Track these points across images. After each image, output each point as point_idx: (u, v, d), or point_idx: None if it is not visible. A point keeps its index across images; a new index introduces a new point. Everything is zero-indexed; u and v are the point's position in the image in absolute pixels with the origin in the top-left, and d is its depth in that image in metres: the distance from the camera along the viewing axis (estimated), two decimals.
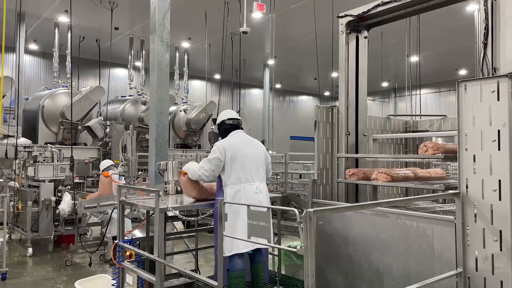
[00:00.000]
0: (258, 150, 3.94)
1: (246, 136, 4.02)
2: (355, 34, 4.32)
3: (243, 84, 20.43)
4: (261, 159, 3.91)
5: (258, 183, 3.80)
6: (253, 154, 3.86)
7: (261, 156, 3.93)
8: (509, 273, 2.52)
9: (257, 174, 3.82)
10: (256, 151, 3.91)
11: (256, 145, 3.97)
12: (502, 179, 2.59)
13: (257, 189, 3.76)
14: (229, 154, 3.74)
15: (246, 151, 3.83)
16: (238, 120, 4.05)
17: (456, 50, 17.44)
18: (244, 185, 3.73)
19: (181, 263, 5.99)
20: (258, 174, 3.83)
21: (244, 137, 3.98)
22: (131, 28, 15.09)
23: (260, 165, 3.88)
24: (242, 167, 3.75)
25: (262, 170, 3.91)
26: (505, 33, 2.97)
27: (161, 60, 6.29)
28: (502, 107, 2.61)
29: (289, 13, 13.72)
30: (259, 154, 3.91)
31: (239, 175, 3.72)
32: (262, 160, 3.92)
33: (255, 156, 3.86)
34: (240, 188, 3.71)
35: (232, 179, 3.72)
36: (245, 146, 3.87)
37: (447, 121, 5.03)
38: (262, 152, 3.97)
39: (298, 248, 2.07)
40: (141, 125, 13.01)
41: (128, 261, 4.02)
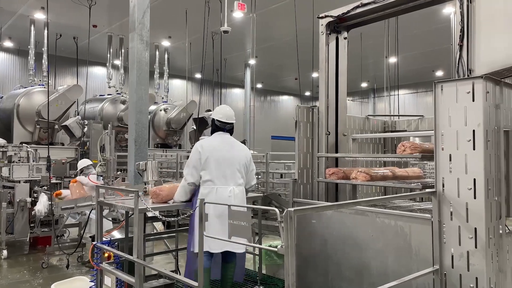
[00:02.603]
0: (238, 155, 3.85)
1: (229, 139, 3.94)
2: (335, 35, 4.36)
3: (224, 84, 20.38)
4: (241, 164, 3.83)
5: (234, 187, 3.72)
6: (231, 157, 3.79)
7: (241, 160, 3.84)
8: (483, 270, 2.59)
9: (232, 178, 3.75)
10: (236, 155, 3.83)
11: (238, 150, 3.90)
12: (476, 178, 2.66)
13: (231, 192, 3.68)
14: (204, 155, 3.73)
15: (224, 154, 3.77)
16: (226, 124, 3.93)
17: (433, 51, 17.83)
18: (218, 187, 3.68)
19: (161, 264, 5.93)
20: (234, 178, 3.75)
21: (226, 140, 3.91)
22: (110, 26, 14.84)
23: (238, 169, 3.80)
24: (217, 169, 3.71)
25: (240, 174, 3.81)
26: (480, 36, 3.04)
27: (140, 58, 6.21)
28: (477, 108, 2.68)
29: (270, 13, 13.75)
30: (239, 159, 3.83)
31: (212, 177, 3.69)
32: (242, 164, 3.84)
33: (233, 160, 3.79)
34: (213, 190, 3.66)
35: (206, 179, 3.70)
36: (224, 149, 3.82)
37: (424, 121, 5.14)
38: (243, 157, 3.88)
39: (279, 247, 2.08)
40: (120, 125, 12.82)
41: (107, 262, 3.95)
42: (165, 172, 9.87)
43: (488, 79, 2.73)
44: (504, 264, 2.76)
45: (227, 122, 3.94)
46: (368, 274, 3.32)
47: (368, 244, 3.32)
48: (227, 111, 4.01)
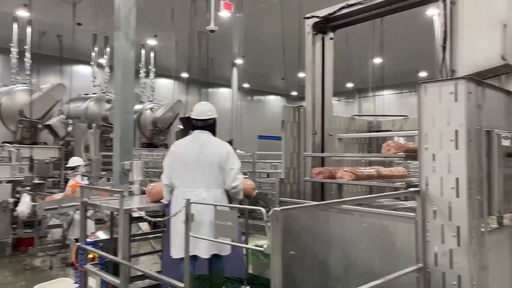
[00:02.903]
0: (210, 154, 3.56)
1: (202, 138, 3.67)
2: (321, 35, 4.38)
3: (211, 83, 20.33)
4: (213, 164, 3.54)
5: (202, 190, 3.48)
6: (201, 158, 3.55)
7: (213, 161, 3.54)
8: (466, 267, 2.63)
9: (201, 181, 3.52)
10: (206, 155, 3.56)
11: (210, 149, 3.60)
12: (459, 177, 2.70)
13: (198, 196, 3.40)
14: (173, 157, 3.64)
15: (193, 155, 3.56)
16: (198, 121, 3.72)
17: (417, 53, 18.08)
18: (185, 190, 3.49)
19: (146, 264, 5.88)
20: (203, 180, 3.52)
21: (198, 139, 3.67)
22: (95, 24, 14.65)
23: (208, 171, 3.54)
24: (184, 171, 3.55)
25: (212, 176, 3.54)
26: (462, 37, 3.10)
27: (126, 57, 6.15)
28: (460, 108, 2.72)
29: (256, 13, 13.77)
30: (210, 159, 3.54)
31: (180, 179, 3.55)
32: (214, 165, 3.54)
33: (203, 161, 3.54)
34: (181, 193, 3.49)
35: (175, 182, 3.58)
36: (194, 149, 3.59)
37: (409, 121, 5.20)
38: (217, 156, 3.56)
39: (266, 247, 2.08)
40: (105, 124, 12.66)
41: (91, 264, 3.90)
42: (151, 172, 9.79)
43: (471, 80, 2.78)
44: (486, 261, 2.81)
45: (198, 119, 3.71)
46: (354, 272, 3.35)
47: (353, 242, 3.35)
48: (198, 107, 3.80)
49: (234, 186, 3.59)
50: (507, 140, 2.91)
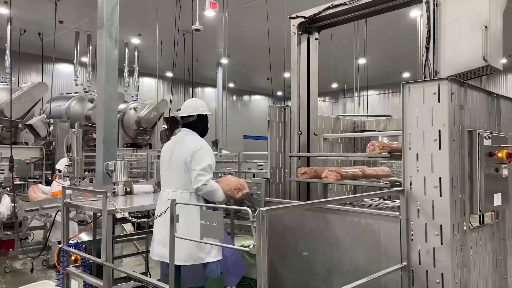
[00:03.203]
0: (178, 155, 3.43)
1: (181, 137, 3.60)
2: (307, 35, 4.39)
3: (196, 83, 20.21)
4: (180, 164, 3.40)
5: (171, 191, 3.40)
6: (173, 158, 3.47)
7: (180, 160, 3.40)
8: (449, 265, 2.68)
9: (173, 181, 3.44)
10: (176, 156, 3.45)
11: (180, 149, 3.47)
12: (442, 176, 2.74)
13: (169, 196, 3.30)
14: (161, 156, 3.66)
15: (169, 155, 3.51)
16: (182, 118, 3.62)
17: (400, 54, 18.32)
18: (162, 190, 3.49)
19: (130, 266, 5.80)
20: (174, 180, 3.44)
21: (178, 138, 3.61)
22: (77, 22, 14.42)
23: (176, 171, 3.42)
24: (162, 170, 3.55)
25: (178, 176, 3.41)
26: (445, 39, 3.14)
27: (109, 56, 6.06)
28: (443, 108, 2.77)
29: (242, 13, 13.74)
30: (178, 159, 3.42)
31: (162, 179, 3.56)
32: (181, 164, 3.39)
33: (174, 161, 3.46)
34: (161, 193, 3.51)
35: (160, 181, 3.61)
36: (172, 149, 3.53)
37: (392, 121, 5.26)
38: (184, 154, 3.40)
39: (251, 247, 2.07)
40: (88, 124, 12.48)
41: (74, 266, 3.82)
42: (135, 172, 9.68)
43: (453, 80, 2.83)
44: (468, 259, 2.86)
45: (181, 116, 3.61)
46: (339, 271, 3.37)
47: (339, 242, 3.37)
48: (186, 105, 3.68)
49: (196, 189, 3.36)
50: (488, 140, 2.97)
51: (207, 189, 3.36)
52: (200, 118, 3.62)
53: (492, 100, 3.37)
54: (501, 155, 3.01)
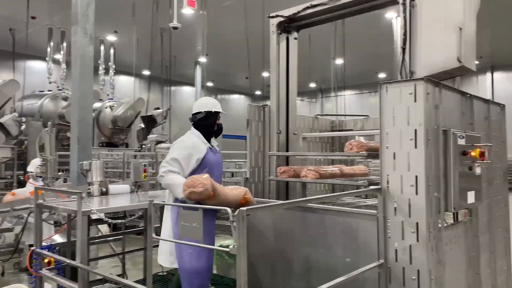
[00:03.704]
0: None
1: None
2: (286, 34, 4.40)
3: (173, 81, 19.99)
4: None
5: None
6: None
7: None
8: (424, 262, 2.73)
9: None
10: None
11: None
12: (418, 175, 2.79)
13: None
14: None
15: None
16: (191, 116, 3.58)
17: (376, 54, 18.63)
18: None
19: (106, 268, 5.69)
20: None
21: None
22: (50, 18, 14.03)
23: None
24: None
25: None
26: (421, 40, 3.20)
27: (84, 53, 5.92)
28: (419, 108, 2.81)
29: (220, 11, 13.67)
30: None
31: None
32: None
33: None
34: None
35: None
36: None
37: (369, 121, 5.34)
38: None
39: (231, 247, 2.06)
40: (61, 122, 12.17)
41: (47, 269, 3.71)
42: (111, 172, 9.49)
43: (429, 81, 2.88)
44: (443, 256, 2.92)
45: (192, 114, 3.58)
46: (317, 270, 3.39)
47: (317, 240, 3.38)
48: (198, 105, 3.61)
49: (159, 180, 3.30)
50: (462, 139, 3.04)
51: (163, 182, 3.23)
52: (208, 115, 3.49)
53: (466, 101, 3.45)
54: (474, 154, 3.09)
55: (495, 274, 3.77)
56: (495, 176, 3.84)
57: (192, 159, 3.30)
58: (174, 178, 3.18)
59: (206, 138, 3.47)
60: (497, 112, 4.07)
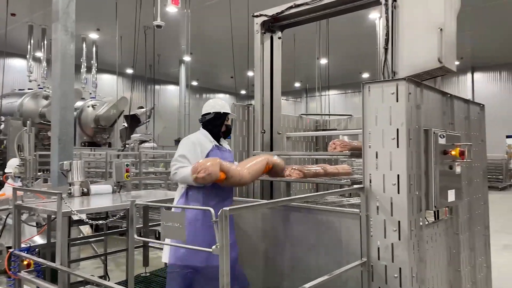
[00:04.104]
0: None
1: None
2: (270, 34, 4.40)
3: (157, 80, 19.82)
4: None
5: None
6: None
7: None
8: (406, 261, 2.76)
9: None
10: None
11: None
12: (400, 173, 2.82)
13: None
14: None
15: None
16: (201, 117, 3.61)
17: (360, 54, 18.83)
18: None
19: (88, 269, 5.60)
20: None
21: None
22: (31, 15, 13.75)
23: None
24: None
25: None
26: (403, 40, 3.24)
27: (65, 51, 5.80)
28: (400, 108, 2.85)
29: (205, 10, 13.61)
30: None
31: None
32: None
33: None
34: None
35: None
36: None
37: (353, 120, 5.38)
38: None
39: (214, 248, 2.04)
40: (42, 121, 11.94)
41: (26, 271, 3.63)
42: (93, 172, 9.35)
43: (410, 81, 2.91)
44: (424, 254, 2.96)
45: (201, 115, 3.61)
46: (301, 269, 3.40)
47: (301, 239, 3.39)
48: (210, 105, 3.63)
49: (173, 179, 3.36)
50: (443, 139, 3.09)
51: (177, 178, 3.27)
52: (217, 116, 3.51)
53: (446, 100, 3.51)
54: (454, 153, 3.14)
55: (475, 271, 3.84)
56: (474, 175, 3.92)
57: (197, 152, 3.33)
58: (184, 171, 3.21)
59: (215, 138, 3.51)
60: (477, 112, 4.15)
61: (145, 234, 4.85)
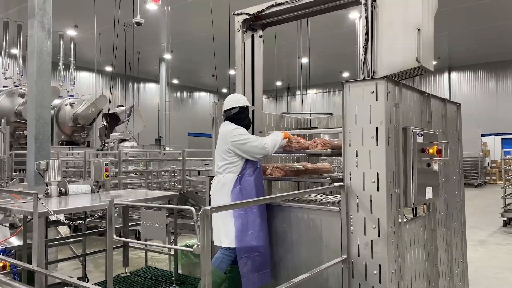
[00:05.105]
0: (219, 140, 3.68)
1: (221, 127, 3.76)
2: (251, 32, 4.39)
3: (137, 78, 19.56)
4: (218, 149, 3.64)
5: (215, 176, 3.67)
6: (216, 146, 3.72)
7: (217, 146, 3.66)
8: (385, 257, 2.80)
9: (214, 166, 3.71)
10: (218, 142, 3.69)
11: (220, 135, 3.70)
12: (379, 171, 2.87)
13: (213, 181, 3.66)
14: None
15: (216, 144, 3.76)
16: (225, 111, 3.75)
17: (340, 54, 19.02)
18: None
19: (66, 271, 5.49)
20: (215, 165, 3.69)
21: (219, 129, 3.80)
22: (6, 11, 13.37)
23: (216, 157, 3.67)
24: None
25: (218, 160, 3.63)
26: (382, 40, 3.28)
27: (41, 48, 5.67)
28: (380, 107, 2.89)
29: (185, 7, 13.49)
30: (218, 144, 3.67)
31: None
32: (219, 149, 3.63)
33: (217, 149, 3.69)
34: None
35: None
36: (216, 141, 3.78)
37: (333, 119, 5.43)
38: (220, 139, 3.65)
39: (195, 247, 2.03)
40: (18, 120, 11.64)
41: (1, 273, 3.53)
42: (71, 171, 9.16)
43: (389, 80, 2.96)
44: (403, 250, 3.02)
45: (224, 110, 3.78)
46: (283, 266, 3.41)
47: (283, 237, 3.41)
48: (226, 99, 3.83)
49: (254, 156, 3.54)
50: (421, 137, 3.15)
51: (270, 149, 3.57)
52: (241, 110, 3.73)
53: (424, 99, 3.58)
54: (432, 151, 3.21)
55: (452, 267, 3.94)
56: (451, 172, 4.01)
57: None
58: (269, 140, 3.61)
59: None
60: (454, 111, 4.25)
61: (125, 234, 4.79)
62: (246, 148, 3.50)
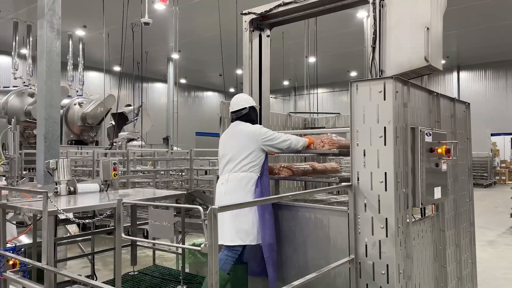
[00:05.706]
0: (237, 139, 3.63)
1: (236, 126, 3.74)
2: (258, 32, 4.39)
3: (145, 78, 19.66)
4: (239, 148, 3.57)
5: (228, 174, 3.59)
6: (230, 145, 3.66)
7: (239, 145, 3.59)
8: (393, 257, 2.79)
9: (229, 165, 3.61)
10: (234, 141, 3.65)
11: (237, 134, 3.67)
12: (387, 171, 2.85)
13: (223, 179, 3.59)
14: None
15: (225, 144, 3.73)
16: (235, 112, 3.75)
17: (348, 53, 18.94)
18: (220, 176, 3.72)
19: (75, 269, 5.54)
20: (230, 164, 3.60)
21: (232, 128, 3.77)
22: (16, 12, 13.51)
23: (231, 157, 3.60)
24: (220, 159, 3.75)
25: (240, 159, 3.55)
26: (390, 39, 3.27)
27: (51, 48, 5.72)
28: (388, 106, 2.87)
29: (193, 7, 13.53)
30: (236, 144, 3.61)
31: (219, 167, 3.78)
32: (238, 149, 3.57)
33: (231, 147, 3.63)
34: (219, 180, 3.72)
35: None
36: (227, 138, 3.74)
37: (341, 118, 5.41)
38: (242, 139, 3.60)
39: (202, 246, 2.04)
40: (28, 119, 11.75)
41: (11, 271, 3.57)
42: (80, 170, 9.24)
43: (397, 79, 2.94)
44: (411, 250, 3.00)
45: (235, 111, 3.77)
46: (290, 266, 3.41)
47: (290, 237, 3.41)
48: (233, 100, 3.84)
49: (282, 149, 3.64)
50: (429, 137, 3.13)
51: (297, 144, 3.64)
52: (251, 109, 3.79)
53: (433, 99, 3.55)
54: (440, 150, 3.18)
55: (461, 267, 3.91)
56: (460, 172, 3.98)
57: None
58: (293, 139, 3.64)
59: None
60: (463, 110, 4.21)
61: (133, 233, 4.82)
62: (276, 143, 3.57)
